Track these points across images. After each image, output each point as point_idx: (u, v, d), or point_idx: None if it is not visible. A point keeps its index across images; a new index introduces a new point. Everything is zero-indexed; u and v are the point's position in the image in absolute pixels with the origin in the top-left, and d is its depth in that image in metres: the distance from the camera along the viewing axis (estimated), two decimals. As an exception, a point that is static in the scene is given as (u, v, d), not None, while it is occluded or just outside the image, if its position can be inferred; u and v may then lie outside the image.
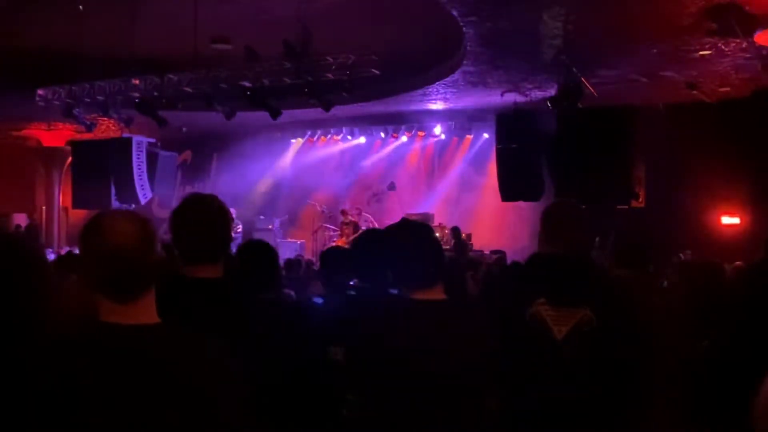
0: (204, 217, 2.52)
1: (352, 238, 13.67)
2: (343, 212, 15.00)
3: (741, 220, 12.09)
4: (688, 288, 3.59)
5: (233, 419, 1.75)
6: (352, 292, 3.42)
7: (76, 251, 1.98)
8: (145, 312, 1.76)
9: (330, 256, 3.81)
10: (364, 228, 14.47)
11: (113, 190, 14.01)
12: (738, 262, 5.67)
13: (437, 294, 2.54)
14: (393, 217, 15.32)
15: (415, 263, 2.52)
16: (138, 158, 13.97)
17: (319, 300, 5.27)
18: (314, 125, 16.58)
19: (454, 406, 2.40)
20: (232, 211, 15.62)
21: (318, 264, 5.11)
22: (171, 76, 10.94)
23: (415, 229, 2.69)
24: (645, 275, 3.49)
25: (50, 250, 15.30)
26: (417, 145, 16.53)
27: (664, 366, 2.88)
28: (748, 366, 2.04)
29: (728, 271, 5.43)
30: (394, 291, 2.75)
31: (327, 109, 11.12)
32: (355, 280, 3.55)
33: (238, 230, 15.73)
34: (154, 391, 1.64)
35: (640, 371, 2.76)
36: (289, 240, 16.24)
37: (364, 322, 2.58)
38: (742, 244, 10.43)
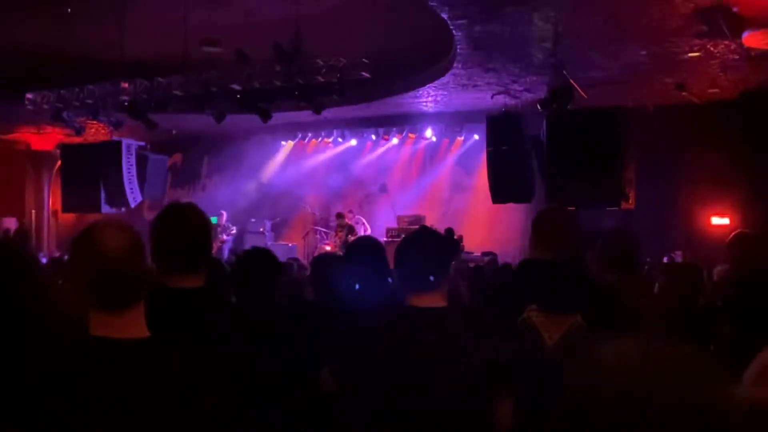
0: (184, 227, 2.51)
1: (343, 242, 13.60)
2: (339, 215, 14.81)
3: (731, 220, 12.14)
4: (673, 291, 3.59)
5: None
6: (344, 299, 3.41)
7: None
8: (135, 325, 1.75)
9: (321, 262, 3.81)
10: (359, 230, 14.37)
11: (103, 194, 13.90)
12: (720, 267, 5.64)
13: (436, 301, 2.46)
14: (384, 220, 15.33)
15: (408, 267, 2.51)
16: (128, 161, 13.85)
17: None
18: (305, 128, 16.54)
19: (452, 419, 2.32)
20: (224, 213, 15.60)
21: (309, 269, 5.09)
22: (160, 79, 10.89)
23: (419, 236, 2.66)
24: (633, 279, 3.49)
25: (42, 254, 15.21)
26: (408, 147, 16.52)
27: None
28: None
29: (715, 273, 5.42)
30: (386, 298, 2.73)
31: (318, 111, 11.10)
32: (347, 286, 3.54)
33: (232, 232, 15.70)
34: (148, 407, 1.63)
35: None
36: (281, 243, 16.20)
37: (355, 332, 2.55)
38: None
